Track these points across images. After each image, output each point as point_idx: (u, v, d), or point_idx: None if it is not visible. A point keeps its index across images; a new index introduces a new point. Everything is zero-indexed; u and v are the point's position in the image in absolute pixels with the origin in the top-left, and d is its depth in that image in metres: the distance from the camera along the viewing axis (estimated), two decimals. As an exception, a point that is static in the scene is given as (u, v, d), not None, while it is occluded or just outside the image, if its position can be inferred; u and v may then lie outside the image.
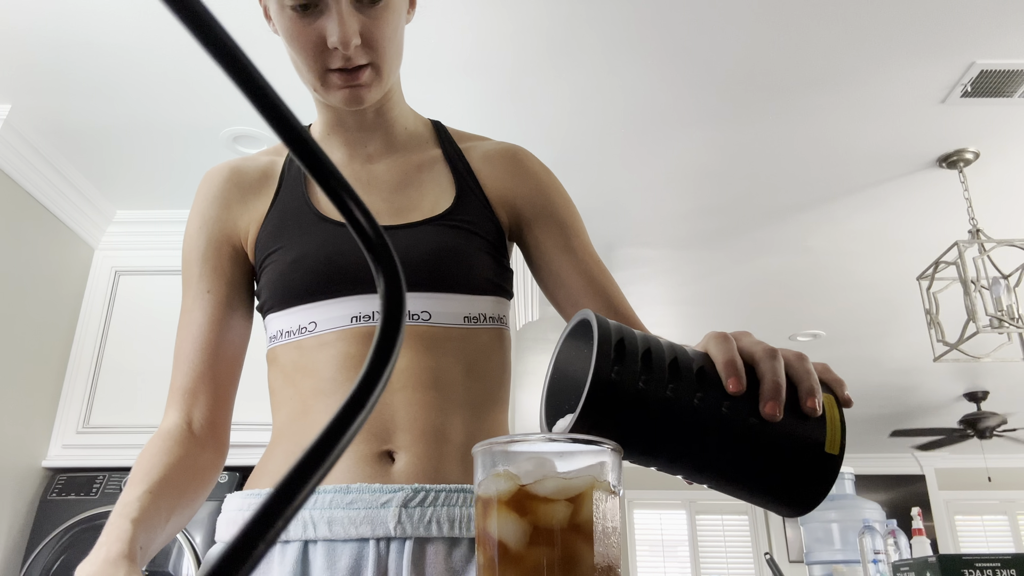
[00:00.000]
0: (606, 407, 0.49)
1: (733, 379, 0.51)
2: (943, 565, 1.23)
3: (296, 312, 0.86)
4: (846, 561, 1.91)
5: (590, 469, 0.46)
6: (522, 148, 0.99)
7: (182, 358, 0.88)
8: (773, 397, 0.50)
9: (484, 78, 2.38)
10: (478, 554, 0.47)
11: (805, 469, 0.52)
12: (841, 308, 4.13)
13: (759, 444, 0.51)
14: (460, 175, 0.93)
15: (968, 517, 7.28)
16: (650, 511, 7.37)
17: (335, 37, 0.78)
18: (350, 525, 0.76)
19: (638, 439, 0.51)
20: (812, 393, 0.52)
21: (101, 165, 2.75)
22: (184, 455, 0.81)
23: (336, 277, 0.84)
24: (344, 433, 0.19)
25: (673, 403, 0.50)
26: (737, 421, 0.51)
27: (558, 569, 0.43)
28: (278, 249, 0.88)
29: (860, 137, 2.69)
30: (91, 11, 2.08)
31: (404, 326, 0.22)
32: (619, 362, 0.50)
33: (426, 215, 0.89)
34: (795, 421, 0.52)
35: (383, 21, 0.81)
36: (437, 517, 0.77)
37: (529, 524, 0.44)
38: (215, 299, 0.90)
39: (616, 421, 0.50)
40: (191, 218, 0.94)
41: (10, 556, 2.53)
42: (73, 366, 2.84)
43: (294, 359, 0.86)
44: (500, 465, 0.46)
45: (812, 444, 0.51)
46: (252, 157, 0.97)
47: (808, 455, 0.51)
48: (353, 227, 0.22)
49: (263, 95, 0.21)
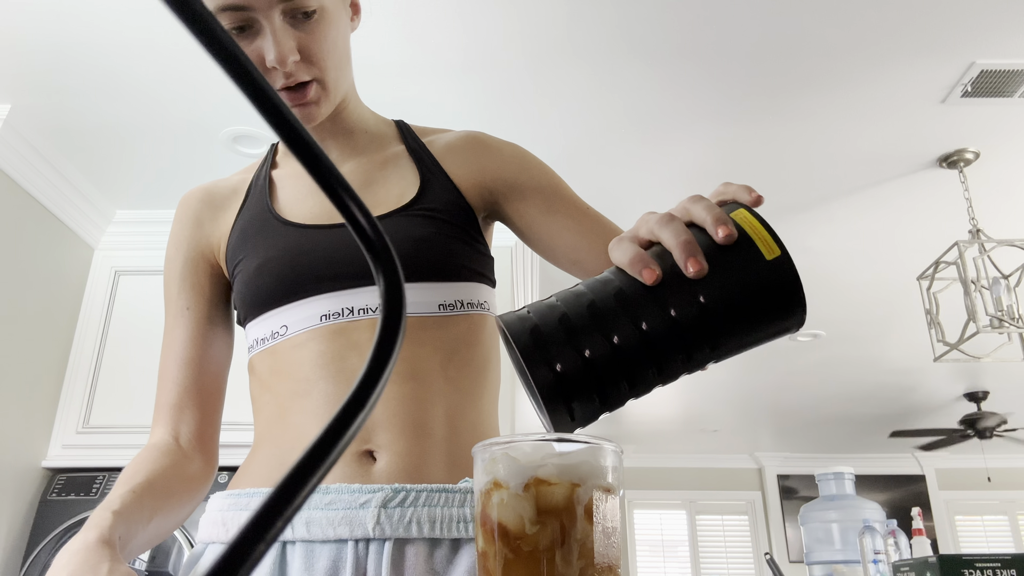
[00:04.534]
0: (571, 395, 0.48)
1: (646, 271, 0.49)
2: (943, 565, 1.23)
3: (268, 318, 0.86)
4: (846, 561, 1.91)
5: (589, 453, 0.46)
6: (483, 132, 0.99)
7: (167, 376, 0.89)
8: (689, 255, 0.49)
9: (484, 78, 2.38)
10: (477, 537, 0.47)
11: (769, 288, 0.50)
12: (841, 308, 4.13)
13: (718, 305, 0.49)
14: (424, 166, 0.92)
15: (968, 517, 7.28)
16: (650, 511, 7.37)
17: (271, 55, 0.78)
18: (328, 526, 0.75)
19: (622, 387, 0.49)
20: (720, 223, 0.50)
21: (101, 165, 2.75)
22: (171, 464, 0.83)
23: (302, 278, 0.84)
24: (345, 432, 0.19)
25: (624, 345, 0.48)
26: (687, 305, 0.49)
27: (559, 550, 0.43)
28: (243, 258, 0.88)
29: (860, 137, 2.69)
30: (91, 11, 2.07)
31: (404, 325, 0.22)
32: (546, 349, 0.48)
33: (391, 207, 0.88)
34: (726, 258, 0.50)
35: (320, 35, 0.80)
36: (417, 517, 0.75)
37: (530, 506, 0.44)
38: (195, 316, 0.91)
39: (591, 394, 0.48)
40: (169, 242, 0.96)
41: (10, 556, 2.53)
42: (73, 366, 2.84)
43: (269, 365, 0.86)
44: (500, 459, 0.46)
45: (755, 265, 0.50)
46: (225, 178, 0.99)
47: (759, 276, 0.50)
48: (353, 227, 0.22)
49: (263, 95, 0.21)
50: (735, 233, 0.50)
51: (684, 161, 2.83)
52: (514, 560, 0.44)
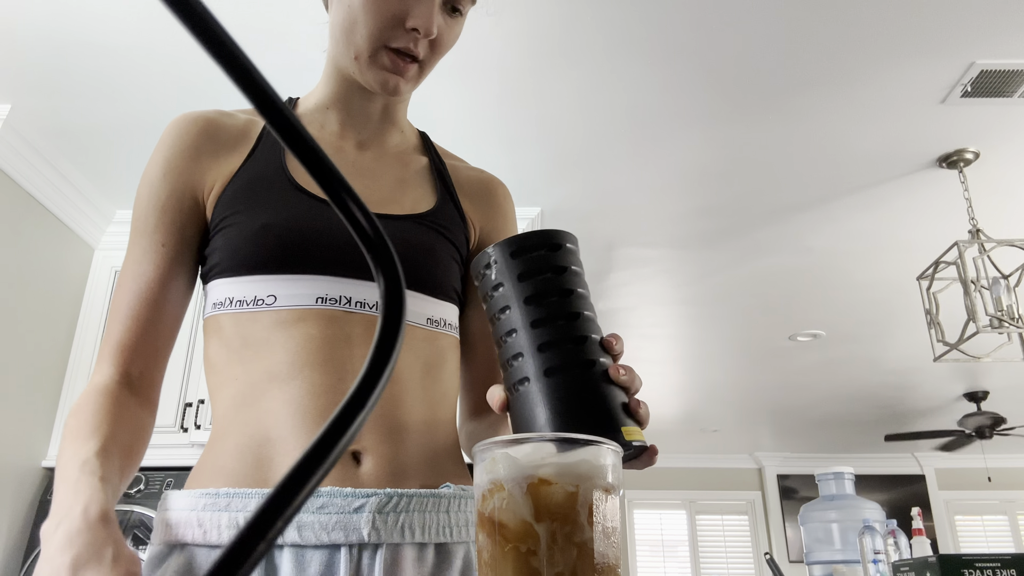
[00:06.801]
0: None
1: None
2: (943, 565, 1.23)
3: (252, 282, 0.80)
4: (846, 561, 1.91)
5: (589, 453, 0.46)
6: (502, 183, 1.02)
7: (124, 311, 0.82)
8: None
9: (484, 78, 2.38)
10: (477, 537, 0.47)
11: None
12: (841, 308, 4.13)
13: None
14: (443, 185, 0.94)
15: (968, 517, 7.28)
16: (650, 511, 7.37)
17: (420, 21, 0.80)
18: (321, 530, 0.72)
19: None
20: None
21: (101, 165, 2.75)
22: (128, 415, 0.78)
23: (306, 252, 0.80)
24: (346, 431, 0.19)
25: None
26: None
27: (559, 550, 0.43)
28: (241, 211, 0.83)
29: (860, 137, 2.69)
30: (91, 11, 2.08)
31: (404, 325, 0.22)
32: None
33: (406, 211, 0.88)
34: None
35: (453, 32, 0.85)
36: (409, 523, 0.75)
37: (530, 506, 0.44)
38: (168, 254, 0.84)
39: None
40: (153, 164, 0.87)
41: (10, 556, 2.53)
42: (73, 366, 2.84)
43: (244, 334, 0.80)
44: (500, 459, 0.46)
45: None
46: (230, 113, 0.92)
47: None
48: (353, 228, 0.22)
49: (263, 95, 0.21)
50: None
51: (683, 161, 2.83)
52: (514, 560, 0.44)
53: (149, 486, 2.61)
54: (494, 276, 0.61)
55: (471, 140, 2.68)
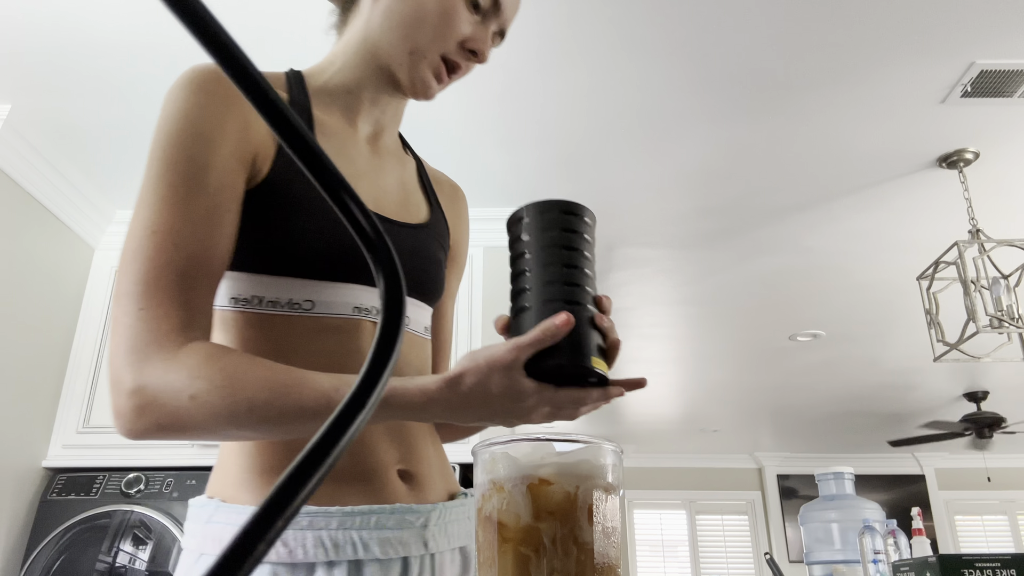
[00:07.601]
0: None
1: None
2: (943, 565, 1.23)
3: (289, 284, 0.75)
4: (846, 561, 1.91)
5: (589, 453, 0.46)
6: (462, 189, 1.07)
7: (202, 268, 0.69)
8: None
9: (483, 77, 2.38)
10: (477, 536, 0.47)
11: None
12: (841, 308, 4.13)
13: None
14: (430, 191, 0.97)
15: (968, 517, 7.27)
16: (650, 511, 7.37)
17: (479, 45, 0.85)
18: (399, 544, 0.77)
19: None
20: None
21: (101, 165, 2.75)
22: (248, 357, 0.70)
23: (349, 260, 0.78)
24: (347, 430, 0.19)
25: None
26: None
27: (559, 549, 0.43)
28: (297, 205, 0.75)
29: (860, 137, 2.69)
30: (91, 11, 2.08)
31: (404, 325, 0.22)
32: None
33: (414, 219, 0.90)
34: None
35: (489, 56, 0.90)
36: (448, 531, 0.82)
37: (530, 505, 0.44)
38: (234, 220, 0.73)
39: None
40: (200, 118, 0.72)
41: (10, 556, 2.53)
42: (73, 366, 2.84)
43: (276, 337, 0.75)
44: (500, 459, 0.46)
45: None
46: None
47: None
48: (354, 228, 0.22)
49: (263, 94, 0.21)
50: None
51: (684, 161, 2.83)
52: (514, 559, 0.44)
53: (149, 486, 2.61)
54: (522, 229, 0.71)
55: (471, 140, 2.68)
